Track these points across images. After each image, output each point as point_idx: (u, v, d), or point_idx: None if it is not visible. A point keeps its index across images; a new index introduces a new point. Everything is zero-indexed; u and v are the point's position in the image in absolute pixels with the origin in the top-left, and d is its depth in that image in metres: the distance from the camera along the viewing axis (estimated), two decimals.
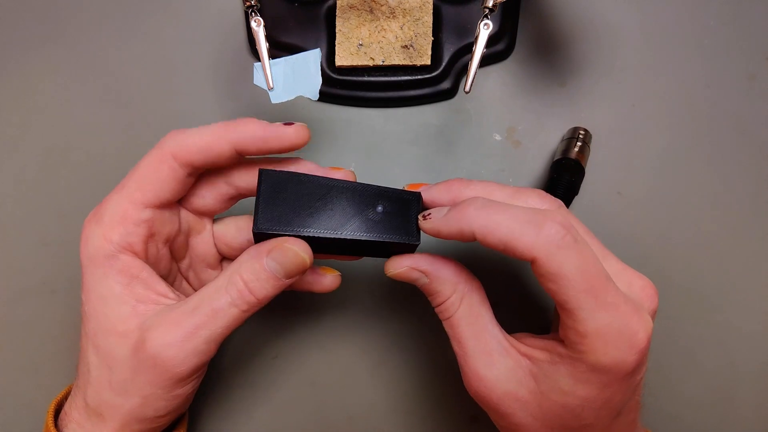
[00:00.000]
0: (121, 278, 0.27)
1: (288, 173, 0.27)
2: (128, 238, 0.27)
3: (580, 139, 0.36)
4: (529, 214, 0.23)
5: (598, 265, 0.23)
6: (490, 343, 0.26)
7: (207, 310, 0.26)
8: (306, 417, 0.36)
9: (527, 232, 0.22)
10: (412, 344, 0.36)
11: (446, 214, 0.25)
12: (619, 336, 0.22)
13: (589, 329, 0.22)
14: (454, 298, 0.26)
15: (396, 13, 0.37)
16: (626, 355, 0.23)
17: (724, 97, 0.38)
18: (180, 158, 0.27)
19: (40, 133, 0.39)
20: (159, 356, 0.25)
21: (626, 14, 0.39)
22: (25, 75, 0.39)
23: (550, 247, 0.22)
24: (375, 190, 0.27)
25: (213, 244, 0.31)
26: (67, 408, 0.29)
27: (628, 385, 0.24)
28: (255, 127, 0.27)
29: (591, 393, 0.24)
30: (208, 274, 0.32)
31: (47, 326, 0.36)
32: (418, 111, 0.39)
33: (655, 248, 0.37)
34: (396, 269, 0.27)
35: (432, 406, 0.36)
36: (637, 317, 0.23)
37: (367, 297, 0.37)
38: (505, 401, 0.25)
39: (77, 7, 0.40)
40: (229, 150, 0.27)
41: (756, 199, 0.37)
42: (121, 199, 0.27)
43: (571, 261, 0.22)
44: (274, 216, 0.26)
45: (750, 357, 0.36)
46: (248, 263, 0.26)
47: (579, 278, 0.22)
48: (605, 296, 0.22)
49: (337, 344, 0.37)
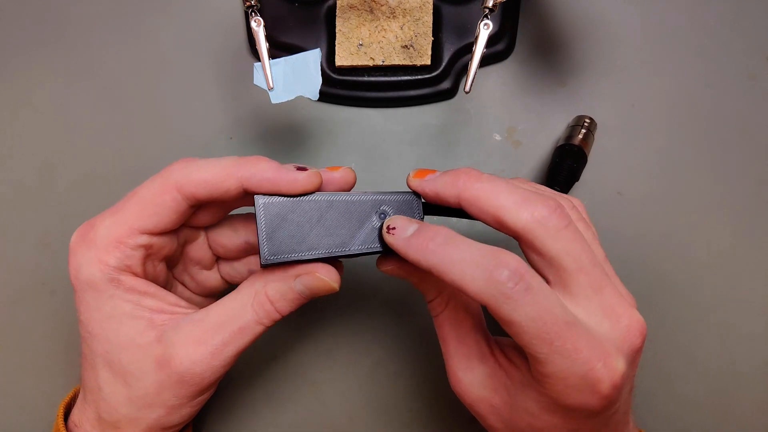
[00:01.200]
0: (130, 296, 0.26)
1: (285, 199, 0.25)
2: (126, 261, 0.26)
3: (585, 127, 0.36)
4: (485, 257, 0.22)
5: (555, 311, 0.22)
6: (471, 347, 0.27)
7: (234, 328, 0.26)
8: (306, 417, 0.36)
9: (478, 277, 0.22)
10: (412, 344, 0.36)
11: (407, 238, 0.25)
12: (580, 382, 0.22)
13: (550, 372, 0.22)
14: (440, 300, 0.27)
15: (396, 13, 0.37)
16: (589, 400, 0.22)
17: (725, 97, 0.38)
18: (185, 192, 0.26)
19: (40, 134, 0.39)
20: (187, 373, 0.26)
21: (626, 14, 0.39)
22: (25, 76, 0.39)
23: (499, 296, 0.22)
24: (374, 198, 0.27)
25: (208, 248, 0.31)
26: (76, 418, 0.29)
27: (598, 419, 0.24)
28: (266, 167, 0.25)
29: (555, 422, 0.24)
30: (204, 275, 0.32)
31: (47, 326, 0.36)
32: (418, 111, 0.39)
33: (655, 248, 0.37)
34: (384, 266, 0.28)
35: (432, 406, 0.36)
36: (602, 363, 0.22)
37: (368, 297, 0.37)
38: (479, 404, 0.26)
39: (76, 7, 0.40)
40: (237, 188, 0.26)
41: (756, 199, 0.37)
42: (116, 223, 0.26)
43: (520, 310, 0.22)
44: (280, 245, 0.25)
45: (750, 357, 0.36)
46: (275, 284, 0.26)
47: (531, 326, 0.22)
48: (562, 343, 0.22)
49: (337, 344, 0.36)
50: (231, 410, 0.36)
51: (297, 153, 0.38)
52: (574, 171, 0.35)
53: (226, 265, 0.32)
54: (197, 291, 0.32)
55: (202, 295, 0.32)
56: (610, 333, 0.24)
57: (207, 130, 0.39)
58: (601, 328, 0.24)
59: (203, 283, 0.31)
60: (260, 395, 0.36)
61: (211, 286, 0.32)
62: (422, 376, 0.36)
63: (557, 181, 0.35)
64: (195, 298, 0.32)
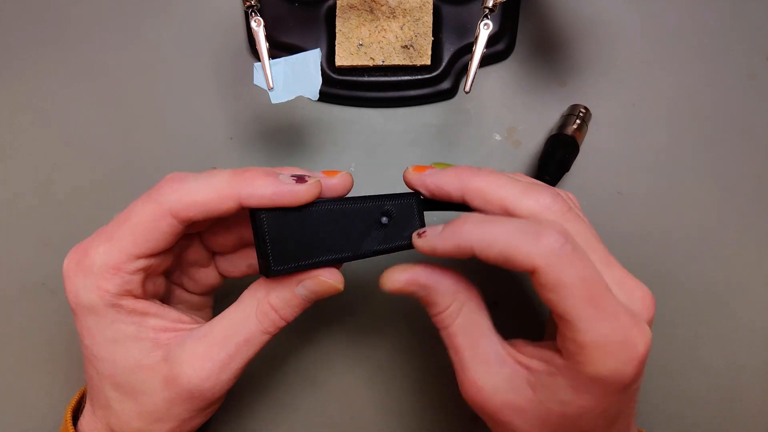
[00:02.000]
0: (132, 319, 0.26)
1: (285, 210, 0.25)
2: (125, 287, 0.26)
3: (578, 117, 0.36)
4: (527, 224, 0.23)
5: (598, 274, 0.23)
6: (487, 352, 0.26)
7: (239, 340, 0.26)
8: (306, 417, 0.36)
9: (526, 242, 0.22)
10: (413, 344, 0.36)
11: (442, 231, 0.24)
12: (619, 347, 0.22)
13: (588, 340, 0.22)
14: (453, 308, 0.26)
15: (396, 13, 0.37)
16: (625, 366, 0.22)
17: (725, 97, 0.38)
18: (180, 216, 0.25)
19: (40, 134, 0.39)
20: (196, 389, 0.26)
21: (626, 14, 0.39)
22: (25, 76, 0.39)
23: (550, 257, 0.22)
24: (374, 201, 0.26)
25: (203, 248, 0.31)
26: (85, 428, 0.29)
27: (626, 394, 0.24)
28: (264, 183, 0.24)
29: (589, 403, 0.23)
30: (201, 273, 0.31)
31: (47, 326, 0.36)
32: (418, 111, 0.39)
33: (656, 248, 0.37)
34: (393, 285, 0.26)
35: (432, 406, 0.36)
36: (637, 328, 0.23)
37: (368, 297, 0.37)
38: (503, 410, 0.25)
39: (76, 8, 0.40)
40: (234, 208, 0.25)
41: (756, 198, 0.37)
42: (111, 251, 0.25)
43: (571, 270, 0.22)
44: (285, 254, 0.25)
45: (752, 356, 0.36)
46: (278, 292, 0.26)
47: (579, 287, 0.22)
48: (605, 306, 0.22)
49: (338, 344, 0.36)
50: (232, 411, 0.36)
51: (297, 153, 0.38)
52: (565, 161, 0.34)
53: (223, 260, 0.31)
54: (196, 290, 0.32)
55: (202, 294, 0.32)
56: (628, 304, 0.24)
57: (207, 130, 0.39)
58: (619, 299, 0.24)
59: (202, 281, 0.31)
60: (261, 396, 0.36)
61: (209, 284, 0.32)
62: (423, 376, 0.36)
63: (547, 170, 0.35)
64: (194, 298, 0.32)
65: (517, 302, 0.37)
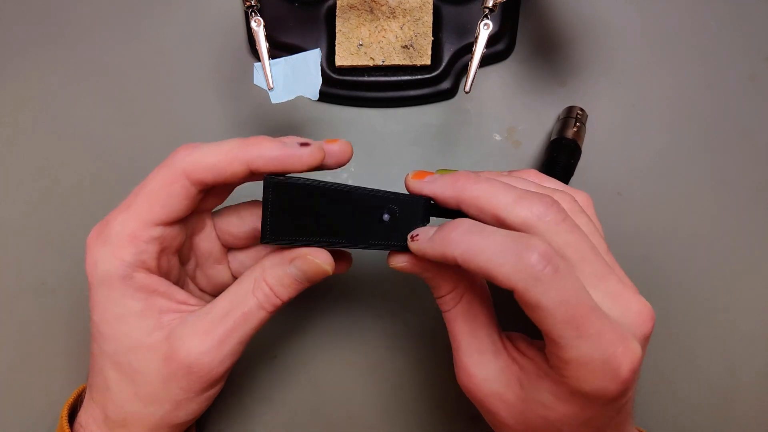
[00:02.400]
0: (140, 295, 0.27)
1: (297, 181, 0.25)
2: (141, 257, 0.26)
3: (576, 119, 0.36)
4: (512, 241, 0.23)
5: (581, 294, 0.22)
6: (483, 342, 0.26)
7: (238, 315, 0.27)
8: (306, 417, 0.36)
9: (507, 260, 0.22)
10: (412, 344, 0.36)
11: (432, 236, 0.25)
12: (602, 366, 0.22)
13: (571, 358, 0.22)
14: (454, 294, 0.27)
15: (396, 13, 0.37)
16: (608, 385, 0.22)
17: (725, 98, 0.38)
18: (192, 177, 0.26)
19: (41, 133, 0.39)
20: (195, 364, 0.26)
21: (626, 14, 0.39)
22: (25, 76, 0.39)
23: (528, 279, 0.22)
24: (382, 196, 0.27)
25: (216, 238, 0.31)
26: (82, 420, 0.29)
27: (611, 407, 0.24)
28: (270, 146, 0.26)
29: (571, 411, 0.24)
30: (216, 270, 0.32)
31: (47, 326, 0.36)
32: (418, 111, 0.39)
33: (655, 248, 0.37)
34: (399, 263, 0.27)
35: (432, 406, 0.36)
36: (623, 347, 0.22)
37: (368, 297, 0.37)
38: (490, 400, 0.26)
39: (76, 7, 0.40)
40: (243, 170, 0.26)
41: (756, 199, 0.37)
42: (129, 219, 0.26)
43: (549, 293, 0.22)
44: (283, 226, 0.25)
45: (750, 358, 0.36)
46: (272, 269, 0.27)
47: (558, 310, 0.22)
48: (587, 327, 0.22)
49: (337, 344, 0.37)
50: (230, 409, 0.36)
51: None
52: (570, 166, 0.35)
53: (235, 260, 0.32)
54: (209, 289, 0.32)
55: (214, 294, 0.32)
56: (621, 319, 0.24)
57: (207, 130, 0.39)
58: (613, 314, 0.24)
59: (214, 279, 0.32)
60: (260, 394, 0.36)
61: (222, 282, 0.32)
62: (423, 375, 0.36)
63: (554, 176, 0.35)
64: (206, 297, 0.32)
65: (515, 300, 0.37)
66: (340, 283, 0.37)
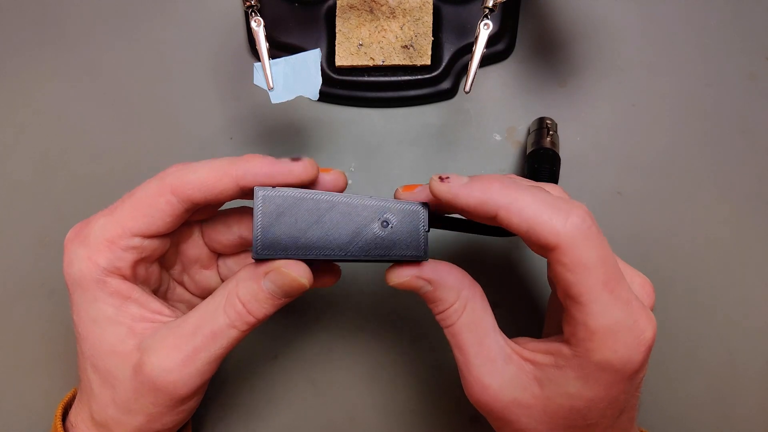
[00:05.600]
0: (113, 301, 0.26)
1: (287, 192, 0.25)
2: (116, 263, 0.26)
3: (549, 128, 0.36)
4: (556, 200, 0.23)
5: (615, 260, 0.23)
6: (493, 350, 0.25)
7: (206, 333, 0.25)
8: (306, 417, 0.36)
9: (554, 217, 0.22)
10: (412, 344, 0.36)
11: (468, 182, 0.24)
12: (629, 333, 0.22)
13: (600, 325, 0.22)
14: (457, 306, 0.25)
15: (396, 13, 0.37)
16: (634, 353, 0.23)
17: (725, 97, 0.38)
18: (180, 194, 0.25)
19: (40, 134, 0.39)
20: (159, 381, 0.25)
21: (626, 14, 0.39)
22: (24, 76, 0.39)
23: (576, 236, 0.22)
24: (378, 204, 0.25)
25: (203, 244, 0.30)
26: (73, 418, 0.29)
27: (632, 383, 0.24)
28: (261, 163, 0.25)
29: (598, 393, 0.23)
30: (203, 276, 0.31)
31: (45, 327, 0.36)
32: (418, 111, 0.39)
33: (656, 248, 0.37)
34: (399, 279, 0.26)
35: (432, 406, 0.36)
36: (646, 315, 0.23)
37: (368, 297, 0.37)
38: (510, 408, 0.25)
39: (76, 7, 0.40)
40: (233, 187, 0.25)
41: (756, 199, 0.37)
42: (109, 223, 0.26)
43: (594, 252, 0.22)
44: (275, 240, 0.25)
45: (751, 356, 0.36)
46: (246, 283, 0.26)
47: (600, 270, 0.22)
48: (620, 291, 0.22)
49: (338, 344, 0.36)
50: (231, 410, 0.36)
51: (297, 153, 0.38)
52: (554, 174, 0.34)
53: (223, 265, 0.31)
54: (197, 293, 0.32)
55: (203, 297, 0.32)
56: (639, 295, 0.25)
57: (207, 130, 0.39)
58: None
59: (202, 284, 0.31)
60: (260, 395, 0.36)
61: (211, 287, 0.31)
62: (423, 375, 0.36)
63: None
64: (195, 300, 0.32)
65: (519, 303, 0.37)
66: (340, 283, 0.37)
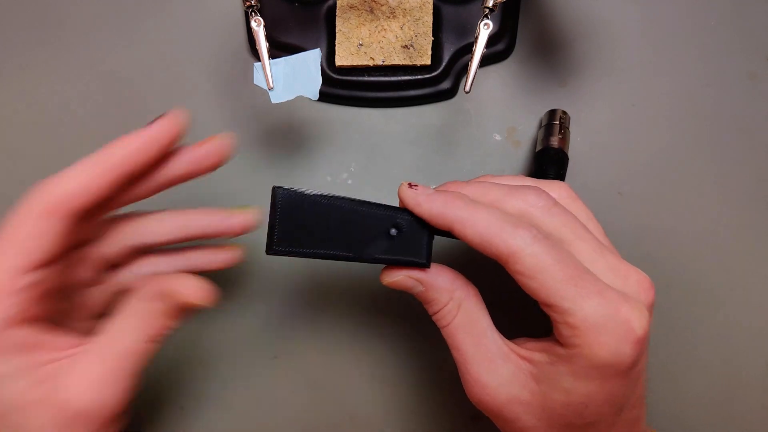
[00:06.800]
0: (10, 357, 0.24)
1: (304, 193, 0.25)
2: (11, 311, 0.23)
3: (560, 124, 0.36)
4: (509, 216, 0.24)
5: (574, 258, 0.23)
6: (490, 348, 0.26)
7: (119, 352, 0.25)
8: (306, 417, 0.36)
9: (505, 228, 0.23)
10: (412, 343, 0.36)
11: (432, 194, 0.25)
12: (611, 323, 0.22)
13: (579, 320, 0.22)
14: (451, 306, 0.26)
15: (396, 13, 0.37)
16: (622, 345, 0.22)
17: (725, 97, 0.38)
18: (58, 212, 0.24)
19: (39, 134, 0.39)
20: (83, 411, 0.24)
21: (626, 14, 0.39)
22: (24, 75, 0.39)
23: (525, 245, 0.23)
24: (388, 212, 0.26)
25: (122, 246, 0.29)
26: None
27: (629, 378, 0.24)
28: (128, 140, 0.25)
29: (592, 389, 0.23)
30: (94, 294, 0.30)
31: None
32: (418, 111, 0.39)
33: (656, 248, 0.37)
34: (392, 278, 0.27)
35: (432, 406, 0.36)
36: (628, 305, 0.23)
37: (367, 297, 0.37)
38: (509, 406, 0.25)
39: (75, 7, 0.40)
40: (115, 179, 0.24)
41: (756, 199, 0.37)
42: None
43: (546, 256, 0.23)
44: (289, 237, 0.25)
45: (753, 355, 0.36)
46: (141, 303, 0.25)
47: (556, 269, 0.22)
48: (585, 284, 0.23)
49: (338, 344, 0.36)
50: (231, 410, 0.36)
51: (297, 153, 0.38)
52: (560, 177, 0.35)
53: (113, 278, 0.30)
54: (98, 310, 0.30)
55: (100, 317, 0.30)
56: (623, 288, 0.24)
57: (207, 130, 0.38)
58: (614, 285, 0.24)
59: (95, 303, 0.30)
60: (260, 395, 0.36)
61: (103, 303, 0.30)
62: (423, 375, 0.36)
63: None
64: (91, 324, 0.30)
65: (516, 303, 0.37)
66: (340, 283, 0.37)
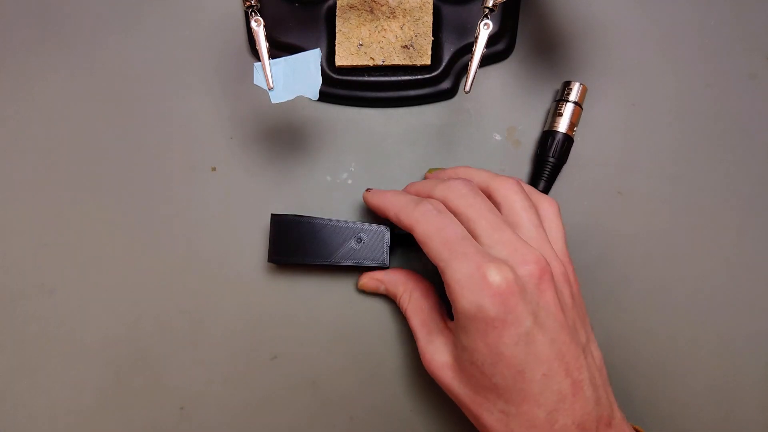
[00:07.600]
0: None
1: (292, 217, 0.34)
2: None
3: (569, 100, 0.37)
4: (416, 198, 0.31)
5: (456, 229, 0.28)
6: (431, 327, 0.32)
7: None
8: (306, 417, 0.36)
9: (409, 206, 0.30)
10: (412, 343, 0.36)
11: (376, 191, 0.34)
12: (470, 280, 0.26)
13: (449, 278, 0.27)
14: (405, 296, 0.34)
15: (396, 13, 0.37)
16: (480, 297, 0.26)
17: (725, 97, 0.38)
18: None
19: (39, 134, 0.39)
20: None
21: (626, 14, 0.39)
22: (25, 76, 0.39)
23: (420, 217, 0.29)
24: (356, 226, 0.35)
25: None
26: None
27: (508, 335, 0.26)
28: None
29: (476, 342, 0.27)
30: None
31: (45, 326, 0.36)
32: (418, 111, 0.39)
33: (656, 248, 0.37)
34: (361, 282, 0.36)
35: (432, 406, 0.36)
36: (491, 264, 0.26)
37: (367, 297, 0.37)
38: (441, 371, 0.30)
39: (75, 7, 0.40)
40: None
41: (757, 199, 0.37)
42: None
43: (432, 225, 0.28)
44: (283, 249, 0.34)
45: (751, 357, 0.36)
46: None
47: (436, 237, 0.28)
48: (456, 249, 0.27)
49: (337, 344, 0.36)
50: (231, 411, 0.36)
51: (297, 153, 0.38)
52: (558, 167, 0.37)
53: None
54: None
55: None
56: (507, 258, 0.27)
57: (207, 130, 0.39)
58: (500, 255, 0.27)
59: None
60: (260, 395, 0.36)
61: None
62: (424, 375, 0.36)
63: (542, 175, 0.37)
64: None
65: None
66: (341, 283, 0.37)
